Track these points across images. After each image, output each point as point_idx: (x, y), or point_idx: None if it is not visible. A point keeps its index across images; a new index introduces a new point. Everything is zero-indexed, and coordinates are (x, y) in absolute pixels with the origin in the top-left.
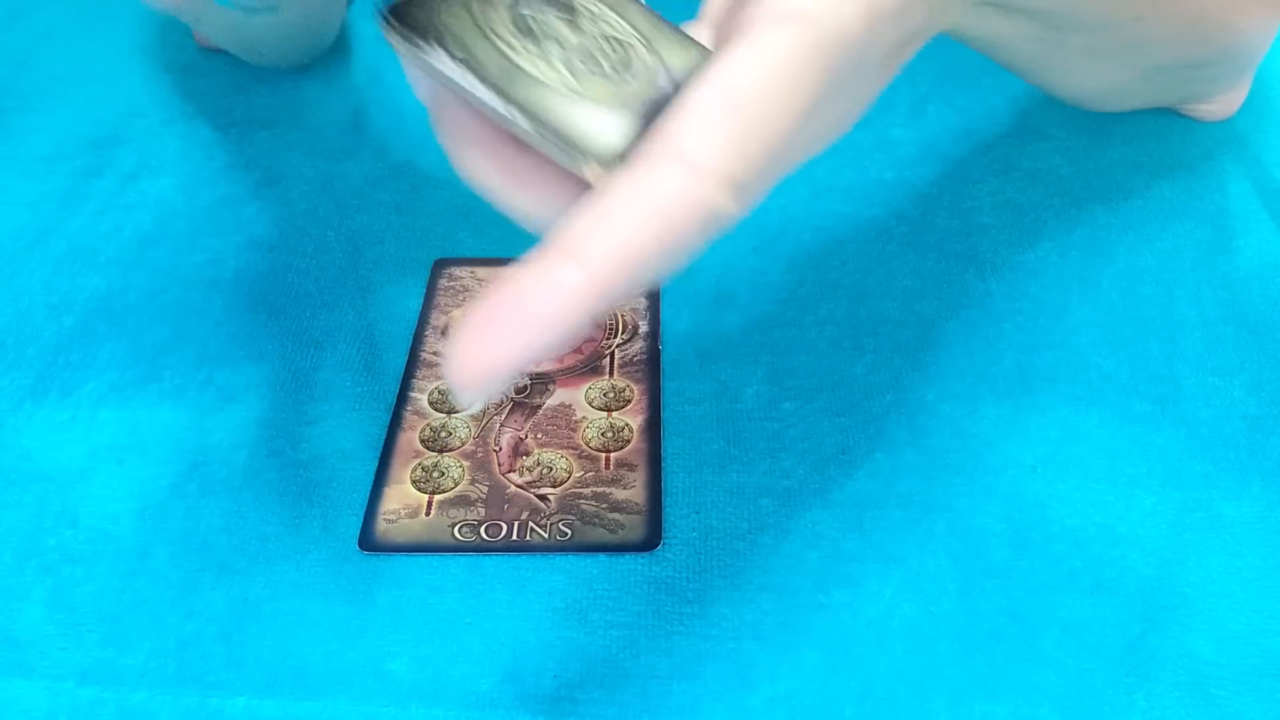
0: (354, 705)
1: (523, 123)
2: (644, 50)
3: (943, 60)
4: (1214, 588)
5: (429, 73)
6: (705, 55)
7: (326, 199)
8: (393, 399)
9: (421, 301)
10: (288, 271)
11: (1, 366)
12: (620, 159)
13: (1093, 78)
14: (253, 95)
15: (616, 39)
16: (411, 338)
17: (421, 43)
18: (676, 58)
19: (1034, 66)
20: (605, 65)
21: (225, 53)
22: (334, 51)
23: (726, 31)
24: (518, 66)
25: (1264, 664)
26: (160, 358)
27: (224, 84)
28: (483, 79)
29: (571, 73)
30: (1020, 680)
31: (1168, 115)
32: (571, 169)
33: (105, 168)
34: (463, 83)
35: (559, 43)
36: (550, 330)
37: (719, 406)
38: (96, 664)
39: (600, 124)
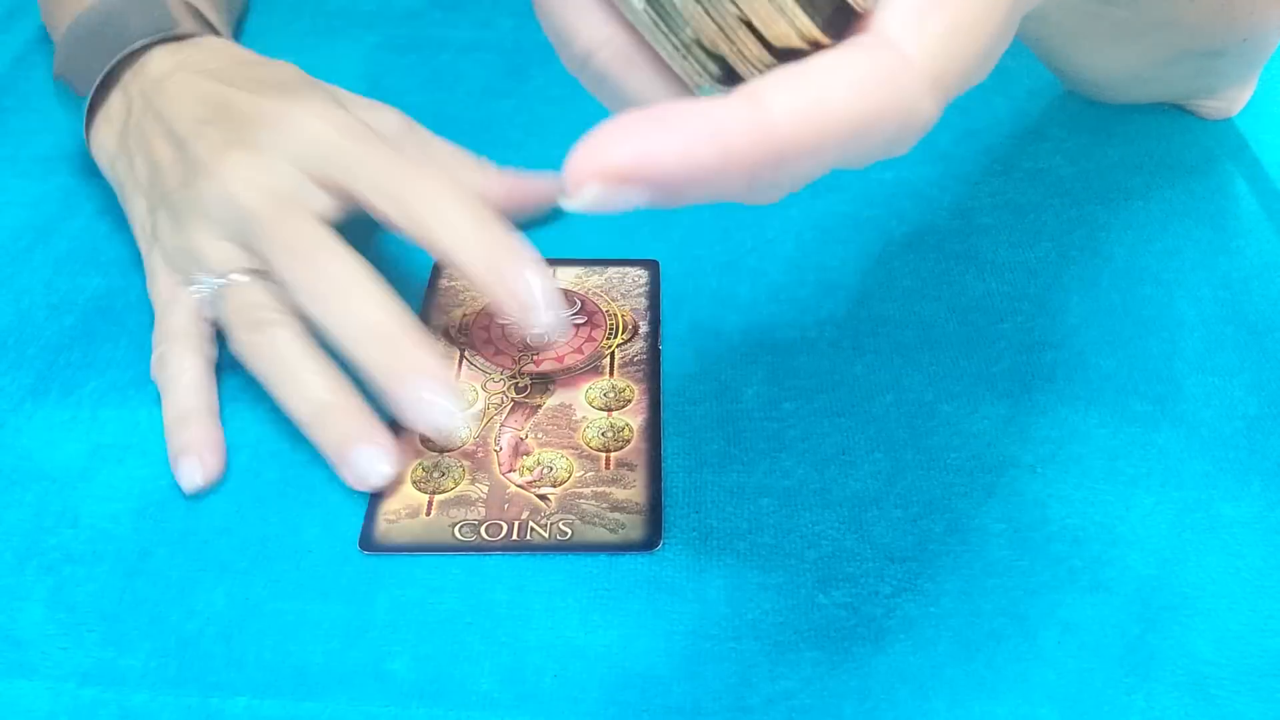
0: (354, 705)
1: None
2: None
3: None
4: (1213, 587)
5: None
6: None
7: None
8: None
9: (420, 303)
10: None
11: (2, 366)
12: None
13: (1115, 60)
14: None
15: None
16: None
17: None
18: None
19: (1063, 44)
20: None
21: None
22: (332, 50)
23: None
24: None
25: (1263, 664)
26: None
27: None
28: None
29: None
30: (1019, 680)
31: (1169, 116)
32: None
33: None
34: None
35: None
36: (709, 156)
37: (719, 406)
38: (97, 664)
39: None
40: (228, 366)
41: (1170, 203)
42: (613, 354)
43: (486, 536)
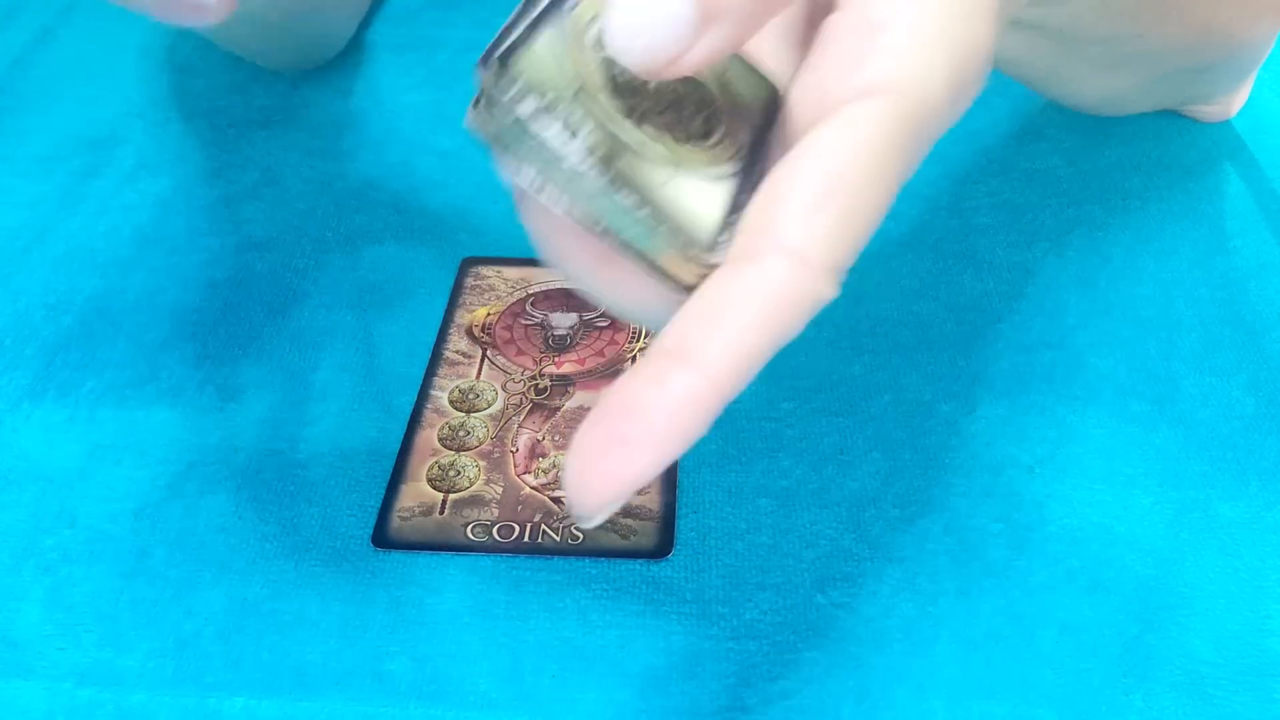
0: (352, 705)
1: (626, 208)
2: (717, 90)
3: None
4: (1211, 587)
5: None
6: (772, 89)
7: (325, 199)
8: (391, 399)
9: (446, 301)
10: (286, 271)
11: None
12: (715, 247)
13: (1100, 86)
14: (251, 95)
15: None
16: (435, 335)
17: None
18: (753, 92)
19: (1043, 78)
20: (692, 121)
21: (224, 53)
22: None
23: (807, 106)
24: (617, 138)
25: (1261, 663)
26: (158, 357)
27: (222, 84)
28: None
29: (670, 136)
30: (1018, 679)
31: (1166, 117)
32: (650, 265)
33: (103, 168)
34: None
35: (644, 93)
36: (672, 442)
37: None
38: (95, 664)
39: (702, 203)
40: (228, 365)
41: (1168, 203)
42: (634, 358)
43: (498, 538)
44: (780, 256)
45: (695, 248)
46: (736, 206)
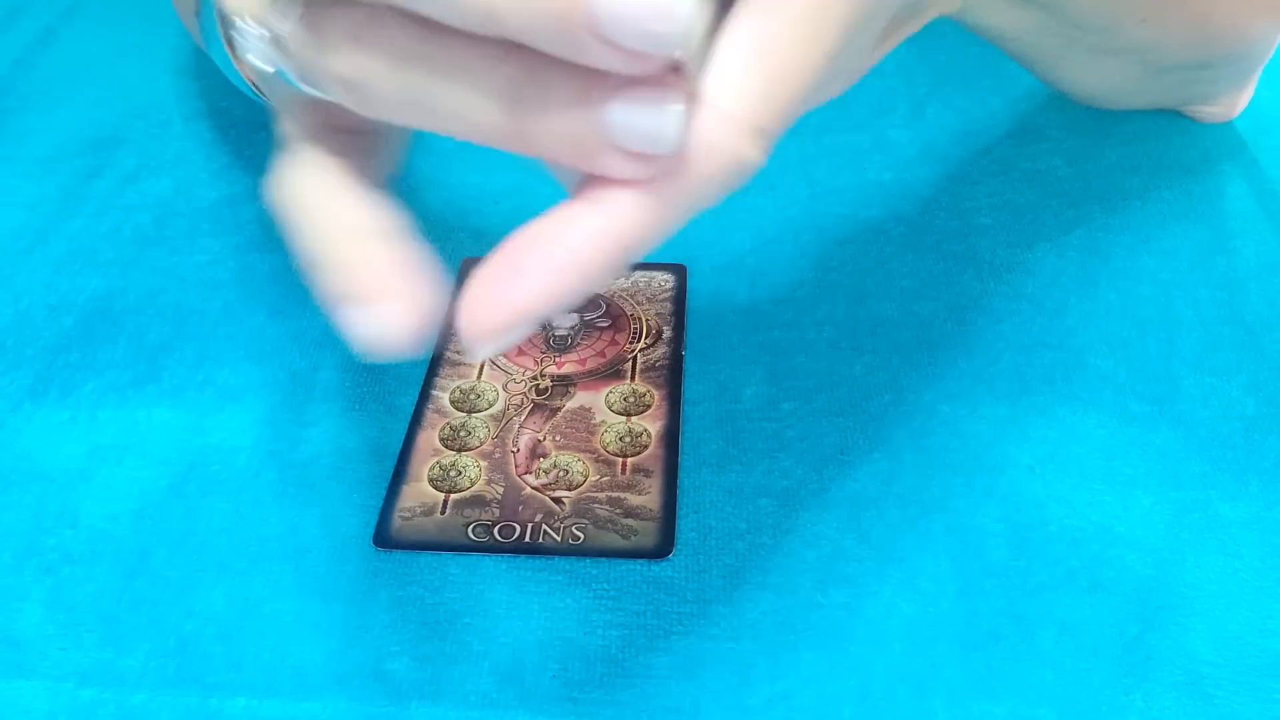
0: (354, 705)
1: None
2: None
3: (941, 62)
4: (1211, 588)
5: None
6: None
7: None
8: (393, 399)
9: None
10: (287, 272)
11: (1, 366)
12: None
13: (1100, 75)
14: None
15: None
16: (436, 336)
17: None
18: None
19: (1043, 61)
20: None
21: None
22: None
23: None
24: None
25: (1261, 664)
26: (159, 358)
27: (223, 84)
28: None
29: None
30: (1018, 680)
31: (1166, 116)
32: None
33: (105, 168)
34: None
35: None
36: (569, 278)
37: (717, 407)
38: (96, 664)
39: None
40: (229, 366)
41: (1168, 203)
42: (635, 358)
43: (499, 538)
44: (704, 111)
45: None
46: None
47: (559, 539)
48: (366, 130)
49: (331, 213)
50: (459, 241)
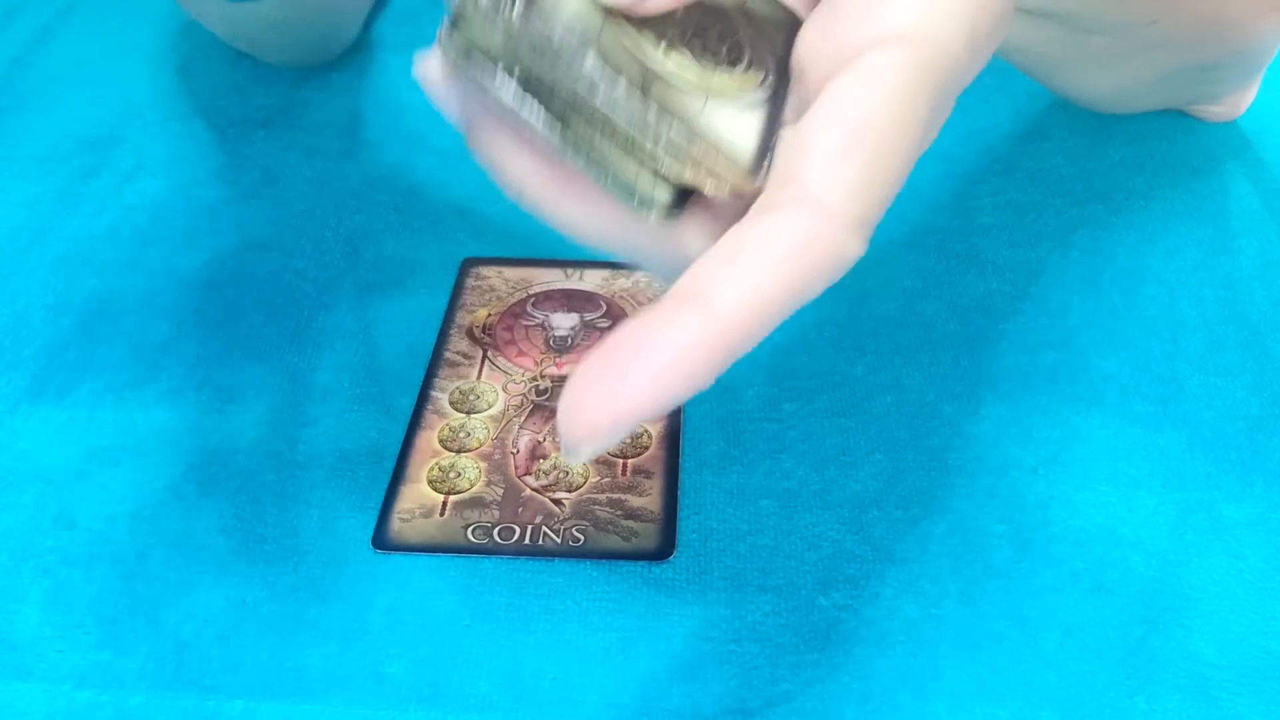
0: (352, 707)
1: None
2: (741, 20)
3: None
4: (1215, 589)
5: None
6: (792, 17)
7: (324, 199)
8: (391, 400)
9: (447, 301)
10: (285, 272)
11: None
12: (758, 172)
13: (1108, 80)
14: (250, 95)
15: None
16: (435, 336)
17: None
18: (765, 14)
19: (1051, 69)
20: (719, 48)
21: (223, 53)
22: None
23: (822, 58)
24: (648, 68)
25: (1265, 666)
26: (157, 358)
27: (221, 84)
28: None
29: (698, 63)
30: (1021, 682)
31: (1170, 116)
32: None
33: (102, 168)
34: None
35: (669, 22)
36: (676, 381)
37: (719, 407)
38: (94, 666)
39: (739, 129)
40: (228, 366)
41: (1172, 203)
42: None
43: (499, 540)
44: (804, 206)
45: (738, 170)
46: (771, 132)
47: (559, 541)
48: None
49: None
50: (459, 241)
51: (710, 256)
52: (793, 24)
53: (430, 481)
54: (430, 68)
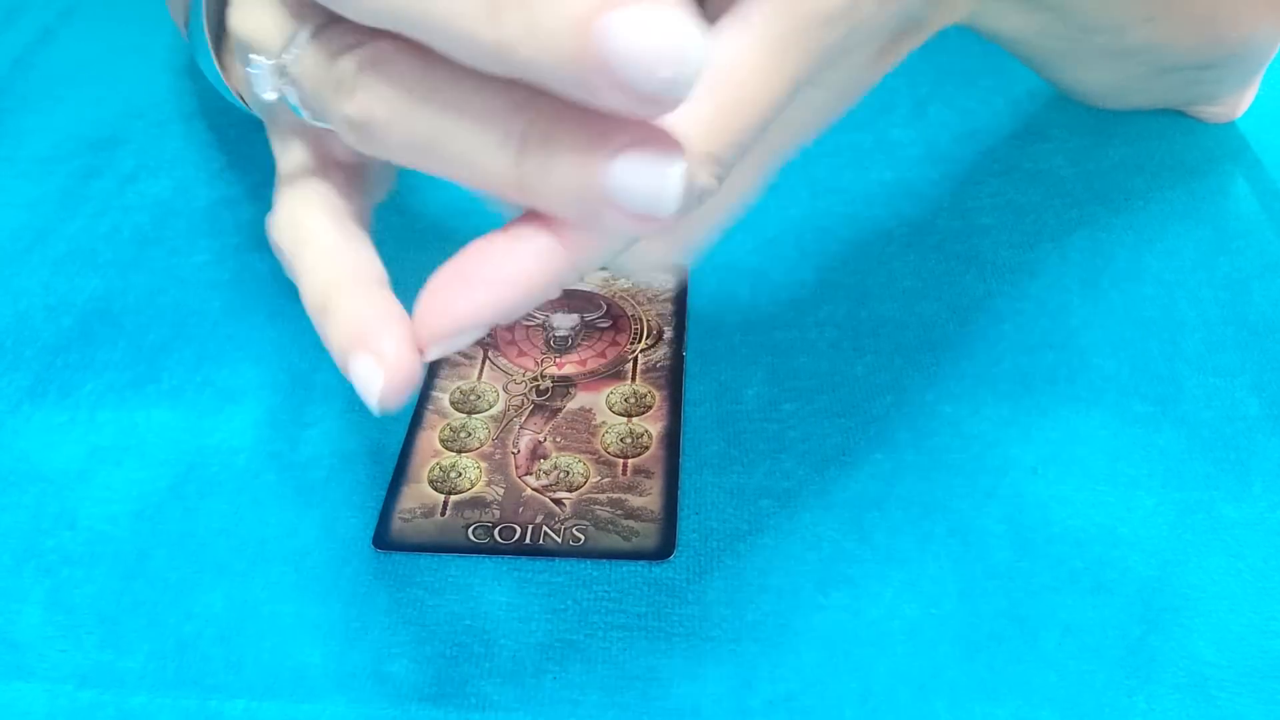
0: (353, 707)
1: None
2: None
3: (943, 61)
4: (1215, 589)
5: None
6: None
7: None
8: None
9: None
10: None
11: (0, 367)
12: None
13: (1106, 75)
14: None
15: None
16: None
17: None
18: None
19: (1049, 62)
20: None
21: None
22: None
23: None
24: None
25: (1265, 665)
26: (159, 359)
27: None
28: None
29: None
30: (1021, 682)
31: (1169, 116)
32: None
33: (104, 169)
34: None
35: None
36: (513, 293)
37: (719, 408)
38: (95, 666)
39: None
40: (229, 366)
41: (1171, 203)
42: (636, 359)
43: (500, 539)
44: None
45: None
46: None
47: (559, 540)
48: (362, 164)
49: (336, 258)
50: (459, 242)
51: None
52: None
53: (431, 481)
54: None
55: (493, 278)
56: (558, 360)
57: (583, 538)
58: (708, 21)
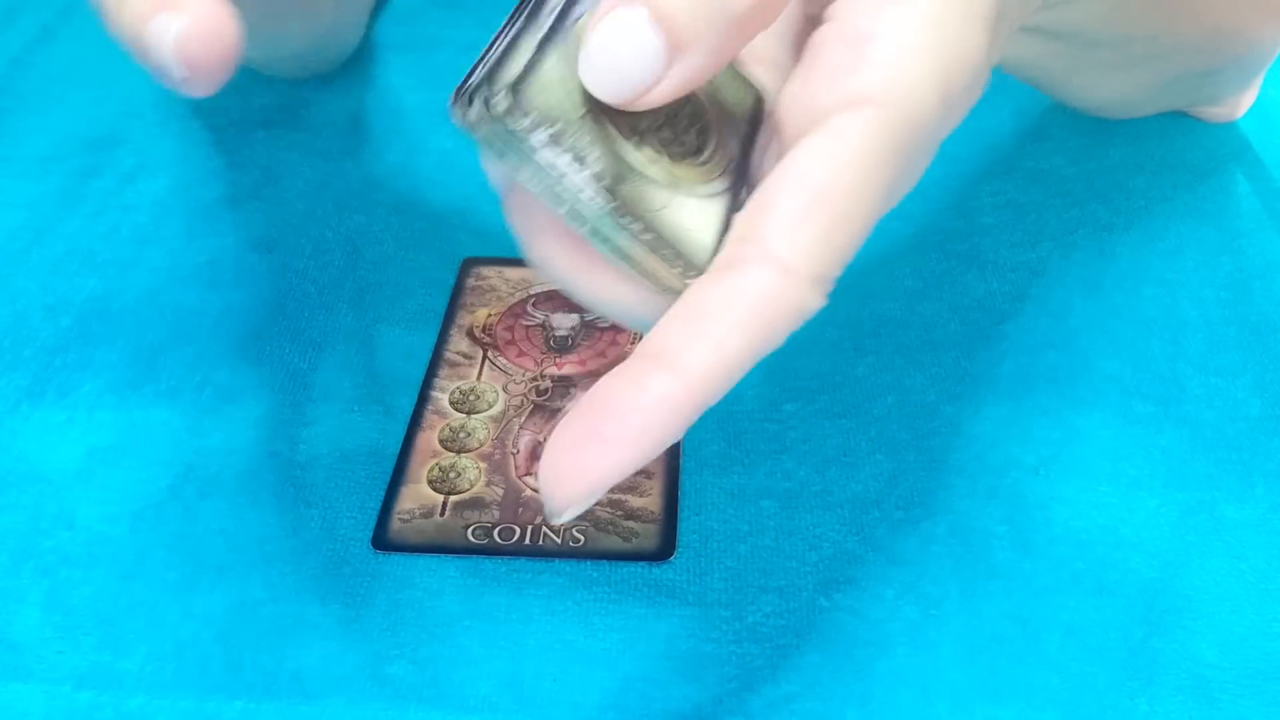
0: (352, 708)
1: (629, 237)
2: (706, 99)
3: None
4: (1217, 590)
5: (514, 167)
6: (758, 96)
7: (325, 199)
8: (392, 400)
9: (446, 301)
10: (285, 272)
11: None
12: (708, 269)
13: (1109, 89)
14: (250, 95)
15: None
16: (435, 336)
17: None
18: (739, 100)
19: (1054, 81)
20: (687, 135)
21: None
22: None
23: (797, 116)
24: (622, 160)
25: (1267, 667)
26: (157, 359)
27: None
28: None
29: (668, 154)
30: (1022, 683)
31: (1170, 116)
32: (651, 279)
33: (103, 168)
34: (570, 183)
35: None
36: (648, 443)
37: (719, 408)
38: (94, 667)
39: (698, 224)
40: (228, 366)
41: (1173, 203)
42: None
43: (499, 540)
44: (765, 265)
45: (693, 271)
46: (728, 224)
47: (559, 541)
48: None
49: None
50: (459, 241)
51: (674, 315)
52: (759, 103)
53: (430, 482)
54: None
55: (625, 432)
56: (558, 360)
57: (583, 539)
58: (783, 136)
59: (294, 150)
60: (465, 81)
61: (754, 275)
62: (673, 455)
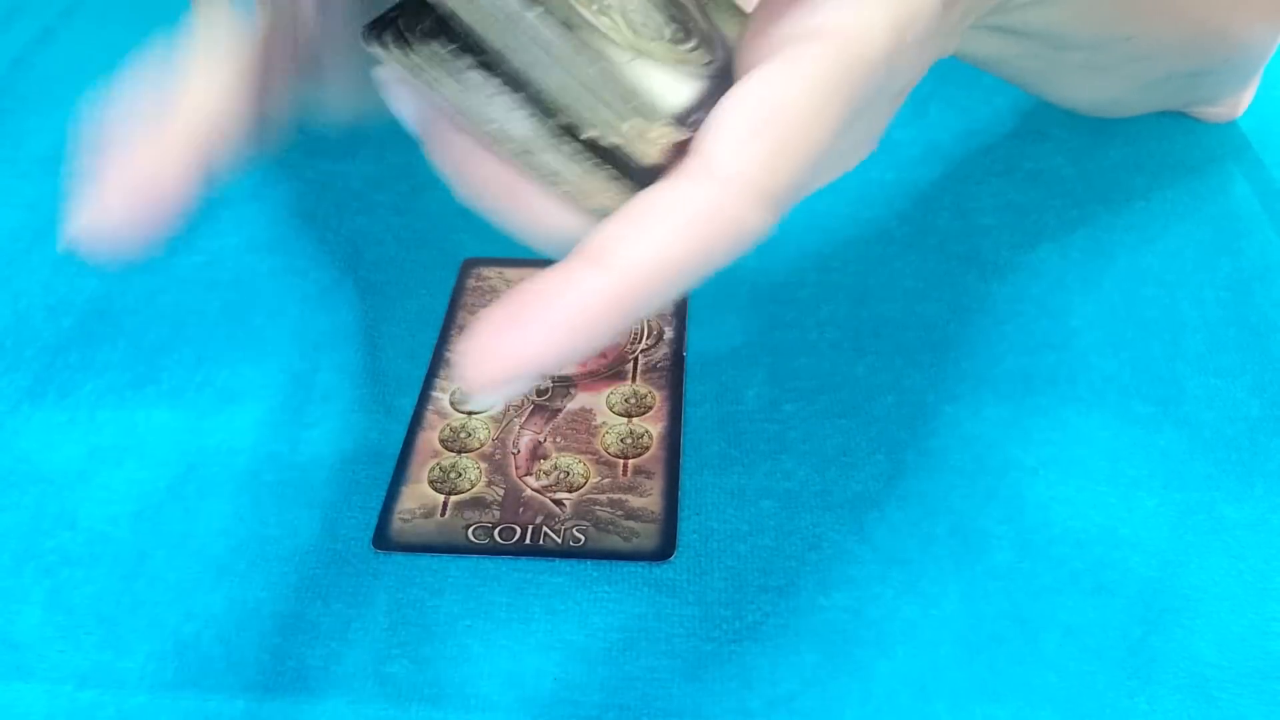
0: (353, 707)
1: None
2: (698, 14)
3: (943, 62)
4: (1216, 590)
5: (433, 87)
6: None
7: (325, 200)
8: (392, 401)
9: (448, 301)
10: (286, 273)
11: (0, 367)
12: (679, 122)
13: (1094, 90)
14: None
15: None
16: (436, 337)
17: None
18: (729, 26)
19: (1033, 81)
20: (664, 27)
21: None
22: None
23: (756, 47)
24: (576, 10)
25: (1266, 666)
26: (158, 359)
27: None
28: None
29: (633, 30)
30: (1021, 682)
31: (1169, 116)
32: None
33: None
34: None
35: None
36: (572, 335)
37: (719, 408)
38: (95, 666)
39: (669, 85)
40: (228, 367)
41: (1172, 203)
42: (636, 359)
43: (500, 540)
44: (710, 178)
45: (659, 117)
46: (704, 104)
47: (559, 541)
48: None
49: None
50: (459, 241)
51: (615, 217)
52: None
53: (431, 482)
54: (388, 71)
55: (548, 319)
56: None
57: (583, 538)
58: (741, 67)
59: (294, 151)
60: (381, 17)
61: (698, 185)
62: (673, 455)
